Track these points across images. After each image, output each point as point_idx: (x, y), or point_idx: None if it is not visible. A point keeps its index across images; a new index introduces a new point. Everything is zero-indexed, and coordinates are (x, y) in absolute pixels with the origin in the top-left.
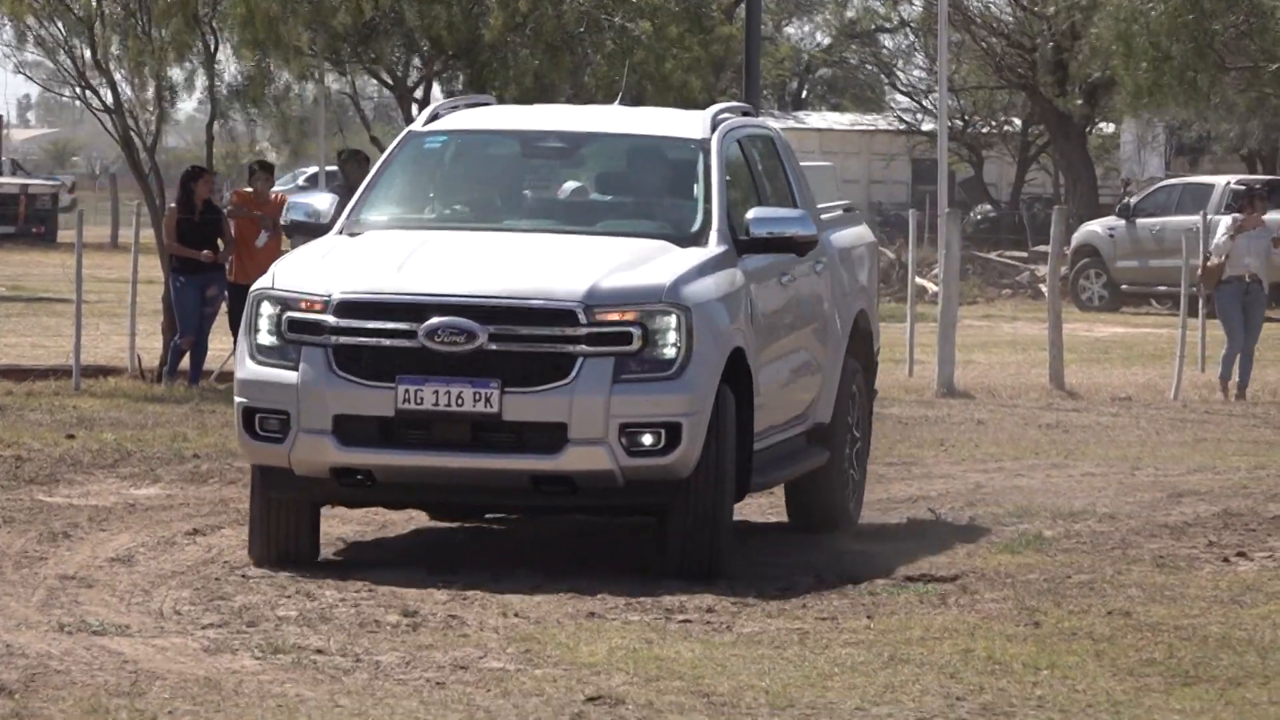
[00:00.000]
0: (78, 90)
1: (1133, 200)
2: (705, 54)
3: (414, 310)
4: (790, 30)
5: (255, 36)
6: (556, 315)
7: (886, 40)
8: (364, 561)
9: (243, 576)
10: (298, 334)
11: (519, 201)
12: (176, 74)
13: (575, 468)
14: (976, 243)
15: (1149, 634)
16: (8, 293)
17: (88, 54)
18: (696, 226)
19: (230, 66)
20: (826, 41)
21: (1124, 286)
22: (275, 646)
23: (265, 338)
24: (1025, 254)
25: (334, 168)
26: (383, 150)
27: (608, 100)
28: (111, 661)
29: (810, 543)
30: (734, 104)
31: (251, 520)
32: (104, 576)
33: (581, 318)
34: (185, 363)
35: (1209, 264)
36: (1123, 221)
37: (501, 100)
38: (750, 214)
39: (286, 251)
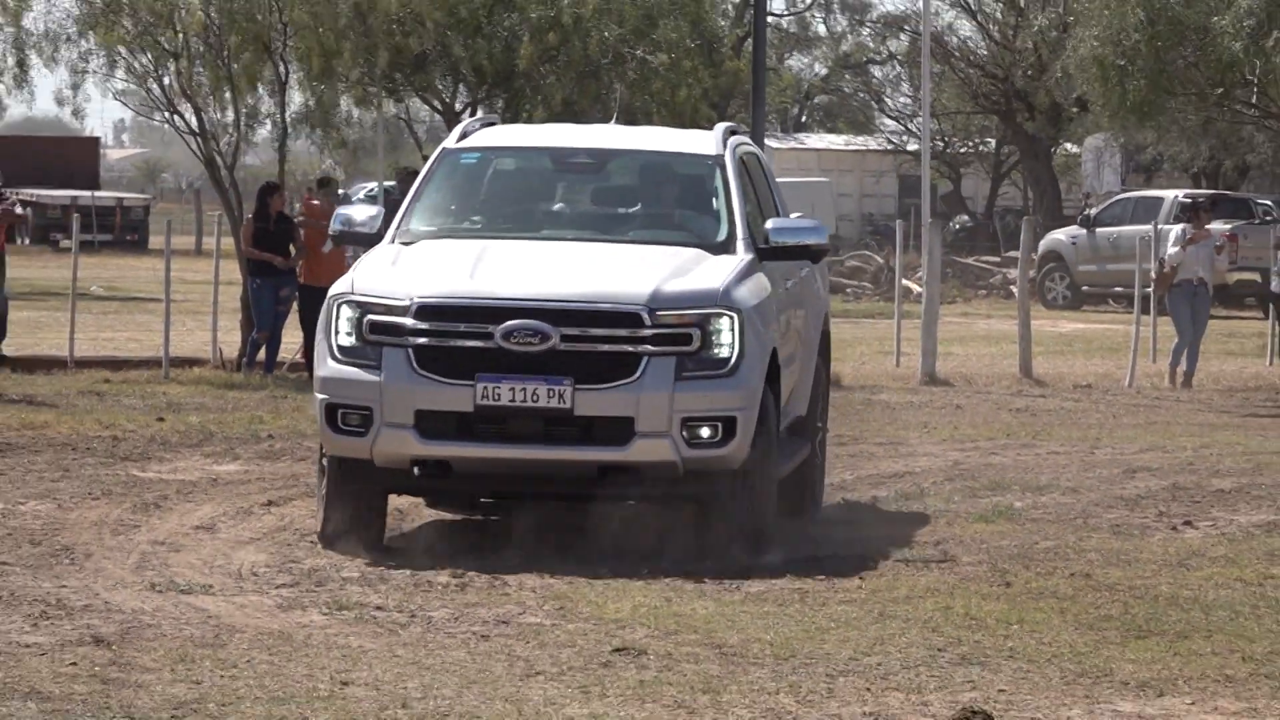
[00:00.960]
0: (166, 115)
1: (1092, 212)
2: (715, 84)
3: (491, 313)
4: (791, 62)
5: (317, 68)
6: (623, 317)
7: (876, 71)
8: (419, 535)
9: (312, 543)
10: (379, 335)
11: (556, 212)
12: (252, 100)
13: (641, 458)
14: (955, 249)
15: (1107, 593)
16: (105, 293)
17: (174, 82)
18: (723, 236)
19: (299, 94)
20: (824, 72)
21: (1085, 288)
22: (340, 604)
23: (345, 339)
24: (998, 259)
25: (392, 183)
26: None
27: (630, 124)
28: (197, 617)
29: (799, 518)
30: (728, 124)
31: (325, 508)
32: (190, 542)
33: (646, 320)
34: (261, 354)
35: (1163, 271)
36: (1084, 231)
37: (531, 122)
38: (769, 224)
39: (351, 257)
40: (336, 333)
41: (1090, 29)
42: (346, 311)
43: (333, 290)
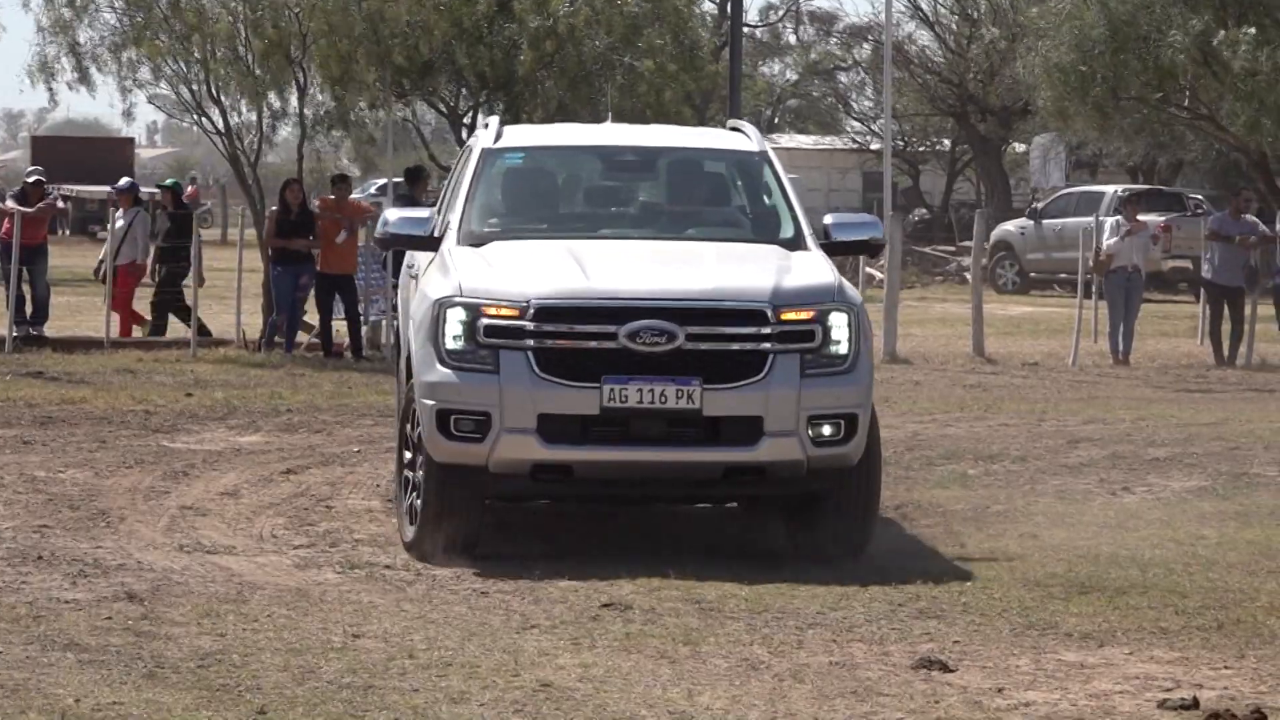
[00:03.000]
0: (195, 117)
1: (1039, 205)
2: (696, 87)
3: (614, 313)
4: (765, 69)
5: (333, 73)
6: (748, 315)
7: (842, 77)
8: None
9: (326, 507)
10: (494, 338)
11: (618, 210)
12: (274, 103)
13: (769, 458)
14: (915, 239)
15: (1052, 553)
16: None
17: (203, 87)
18: (790, 233)
19: (317, 97)
20: (794, 78)
21: (1032, 274)
22: (353, 563)
23: (453, 343)
24: (953, 248)
25: (399, 179)
26: (441, 166)
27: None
28: (221, 575)
29: None
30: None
31: (424, 518)
32: (215, 507)
33: (770, 316)
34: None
35: (1101, 258)
36: (1031, 222)
37: (531, 123)
38: (828, 220)
39: (361, 247)
40: (444, 336)
41: (1052, 39)
42: (457, 314)
43: (434, 295)
